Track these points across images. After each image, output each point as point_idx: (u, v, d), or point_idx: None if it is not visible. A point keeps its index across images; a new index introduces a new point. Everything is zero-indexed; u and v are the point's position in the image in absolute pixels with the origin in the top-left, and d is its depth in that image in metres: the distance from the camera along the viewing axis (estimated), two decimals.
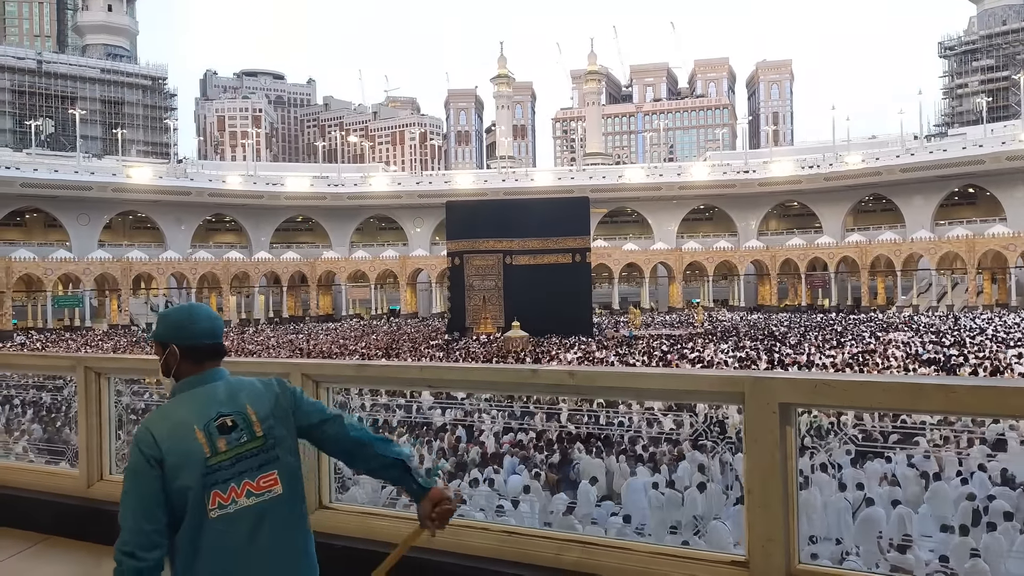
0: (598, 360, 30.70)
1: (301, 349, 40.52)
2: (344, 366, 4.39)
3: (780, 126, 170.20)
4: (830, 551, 7.69)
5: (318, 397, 3.99)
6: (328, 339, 48.39)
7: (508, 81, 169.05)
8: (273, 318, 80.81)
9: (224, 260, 79.54)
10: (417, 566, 3.48)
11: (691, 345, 36.14)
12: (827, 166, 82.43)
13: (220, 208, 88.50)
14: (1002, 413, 2.75)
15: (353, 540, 3.75)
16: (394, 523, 3.72)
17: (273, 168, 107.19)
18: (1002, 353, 28.89)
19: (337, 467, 4.12)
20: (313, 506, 3.90)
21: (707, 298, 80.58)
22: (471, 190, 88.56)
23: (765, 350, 32.65)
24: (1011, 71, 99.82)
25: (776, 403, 2.80)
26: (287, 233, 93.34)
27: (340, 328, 63.95)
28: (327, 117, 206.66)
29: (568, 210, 56.15)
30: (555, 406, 5.08)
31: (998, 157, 71.91)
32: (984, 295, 67.72)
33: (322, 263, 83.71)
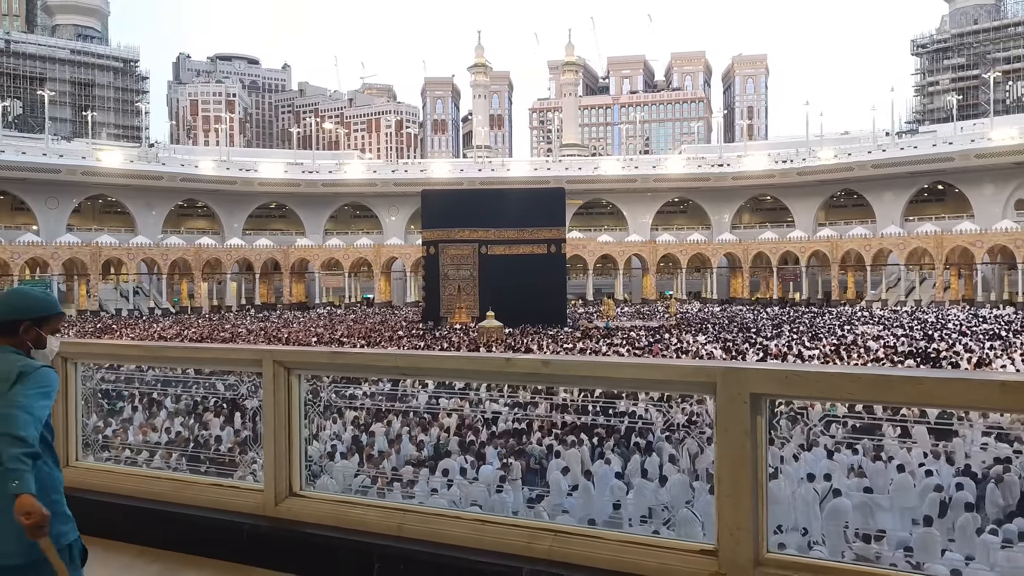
0: (583, 351, 30.75)
1: (274, 336, 40.22)
2: (318, 353, 4.36)
3: (755, 120, 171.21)
4: (797, 540, 7.79)
5: (290, 385, 3.95)
6: (301, 327, 48.09)
7: (485, 70, 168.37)
8: (245, 305, 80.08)
9: (196, 246, 78.63)
10: (390, 555, 3.48)
11: (667, 337, 36.34)
12: (800, 161, 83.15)
13: (192, 193, 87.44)
14: (969, 405, 2.79)
15: (325, 528, 3.73)
16: (366, 511, 3.71)
17: (247, 154, 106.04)
18: (980, 346, 29.45)
19: (308, 455, 4.09)
20: (283, 494, 3.88)
21: (680, 290, 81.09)
22: (447, 179, 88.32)
23: (744, 341, 33.02)
24: (981, 70, 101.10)
25: (747, 393, 2.82)
26: (260, 220, 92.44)
27: (313, 316, 63.55)
28: (302, 103, 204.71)
29: (544, 201, 56.15)
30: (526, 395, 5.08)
31: (967, 155, 72.95)
32: (951, 291, 68.76)
33: (295, 251, 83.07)
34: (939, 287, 68.87)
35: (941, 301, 66.49)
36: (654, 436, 11.74)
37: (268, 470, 3.94)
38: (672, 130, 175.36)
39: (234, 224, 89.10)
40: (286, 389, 3.94)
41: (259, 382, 4.04)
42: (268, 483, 3.94)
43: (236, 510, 4.02)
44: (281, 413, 3.90)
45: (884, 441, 10.27)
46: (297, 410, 3.96)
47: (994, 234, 66.57)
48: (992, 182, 74.42)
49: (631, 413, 11.96)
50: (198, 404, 14.12)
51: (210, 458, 5.40)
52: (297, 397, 3.98)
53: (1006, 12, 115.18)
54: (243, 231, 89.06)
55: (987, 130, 75.35)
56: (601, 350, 30.61)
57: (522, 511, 9.13)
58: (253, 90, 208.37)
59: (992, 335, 35.14)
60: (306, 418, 4.07)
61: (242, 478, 4.91)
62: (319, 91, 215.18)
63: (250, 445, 5.20)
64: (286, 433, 3.91)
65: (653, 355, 27.97)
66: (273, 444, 3.93)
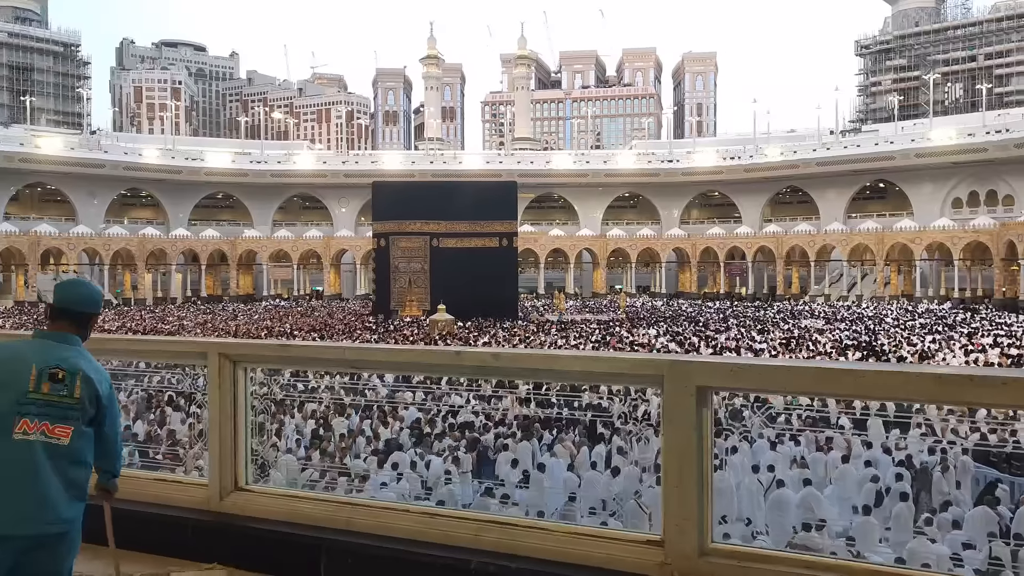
0: (538, 344, 30.82)
1: (221, 329, 39.53)
2: (265, 346, 4.31)
3: (704, 117, 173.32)
4: (741, 531, 7.94)
5: (236, 378, 3.89)
6: (247, 319, 47.35)
7: (438, 62, 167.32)
8: (191, 297, 78.55)
9: (139, 236, 76.85)
10: (338, 549, 3.45)
11: (619, 330, 36.67)
12: (747, 158, 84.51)
13: (136, 183, 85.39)
14: (907, 397, 2.87)
15: (274, 523, 3.68)
16: (313, 505, 3.67)
17: (193, 143, 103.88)
18: (921, 340, 30.34)
19: (255, 450, 4.04)
20: (228, 488, 3.82)
21: (630, 285, 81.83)
22: (399, 171, 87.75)
23: (695, 334, 33.55)
24: (922, 71, 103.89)
25: (694, 386, 2.85)
26: (207, 210, 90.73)
27: (260, 309, 62.63)
28: (250, 92, 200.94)
29: (496, 194, 56.15)
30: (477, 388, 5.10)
31: (907, 154, 74.96)
32: (891, 286, 70.63)
33: (243, 242, 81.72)
34: (880, 283, 70.70)
35: (882, 296, 68.28)
36: (605, 428, 11.84)
37: (213, 465, 3.87)
38: (623, 125, 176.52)
39: (179, 214, 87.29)
40: (232, 382, 3.88)
41: (204, 375, 3.97)
42: (213, 478, 3.88)
43: (180, 505, 3.96)
44: (226, 407, 3.84)
45: (828, 432, 10.51)
46: (243, 404, 3.90)
47: (932, 232, 68.53)
48: (931, 181, 76.60)
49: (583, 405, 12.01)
50: (152, 398, 13.85)
51: (162, 452, 5.31)
52: (243, 390, 3.92)
53: (946, 15, 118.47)
54: (189, 221, 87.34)
55: (927, 130, 77.52)
56: (557, 343, 30.79)
57: (472, 504, 9.15)
58: (200, 78, 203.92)
59: (931, 330, 36.23)
60: (253, 412, 4.01)
61: (188, 473, 4.83)
62: (268, 80, 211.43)
63: (195, 439, 5.12)
64: (231, 427, 3.85)
65: (612, 348, 28.26)
66: (218, 438, 3.87)
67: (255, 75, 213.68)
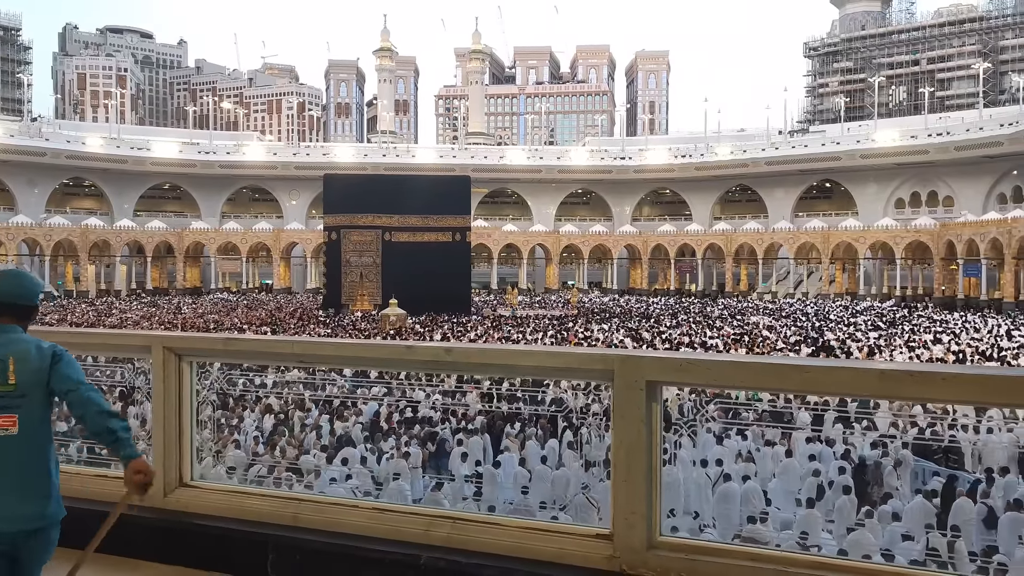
0: (497, 339, 30.82)
1: (165, 322, 38.73)
2: (211, 339, 4.23)
3: (656, 115, 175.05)
4: (689, 524, 8.05)
5: (181, 371, 3.82)
6: (194, 313, 46.49)
7: (391, 55, 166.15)
8: (136, 290, 76.82)
9: (82, 227, 74.80)
10: (285, 545, 3.41)
11: (572, 326, 36.88)
12: (698, 156, 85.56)
13: (79, 172, 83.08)
14: (851, 392, 2.93)
15: (220, 519, 3.63)
16: (260, 501, 3.62)
17: (139, 132, 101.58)
18: (865, 337, 31.10)
19: (201, 446, 3.97)
20: (173, 484, 3.75)
21: (582, 280, 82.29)
22: (351, 164, 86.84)
23: (649, 330, 33.94)
24: (867, 74, 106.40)
25: (644, 380, 2.88)
26: (153, 201, 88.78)
27: (208, 302, 61.52)
28: (199, 81, 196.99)
29: (449, 188, 56.04)
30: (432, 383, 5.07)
31: (853, 155, 76.72)
32: (836, 284, 72.22)
33: (190, 233, 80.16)
34: (825, 280, 72.24)
35: (827, 294, 69.76)
36: (557, 423, 11.89)
37: (156, 460, 3.80)
38: (576, 122, 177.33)
39: (124, 205, 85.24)
40: (177, 376, 3.80)
41: (149, 369, 3.89)
42: (156, 473, 3.80)
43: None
44: (171, 401, 3.77)
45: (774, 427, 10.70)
46: (188, 398, 3.83)
47: (876, 231, 70.21)
48: (875, 181, 78.55)
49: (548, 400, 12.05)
50: (104, 393, 13.46)
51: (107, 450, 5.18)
52: (188, 385, 3.85)
53: (891, 20, 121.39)
54: (134, 212, 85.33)
55: (871, 132, 79.40)
56: (514, 338, 30.88)
57: (424, 499, 9.12)
58: (146, 65, 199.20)
59: (874, 327, 37.18)
60: (199, 406, 3.94)
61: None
62: (217, 69, 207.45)
63: (138, 435, 5.01)
64: (176, 422, 3.78)
65: (570, 343, 28.46)
66: (162, 433, 3.79)
67: (204, 64, 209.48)
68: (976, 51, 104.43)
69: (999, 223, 58.62)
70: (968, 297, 60.80)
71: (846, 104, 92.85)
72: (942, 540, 7.82)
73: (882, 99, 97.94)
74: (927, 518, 8.56)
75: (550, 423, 12.48)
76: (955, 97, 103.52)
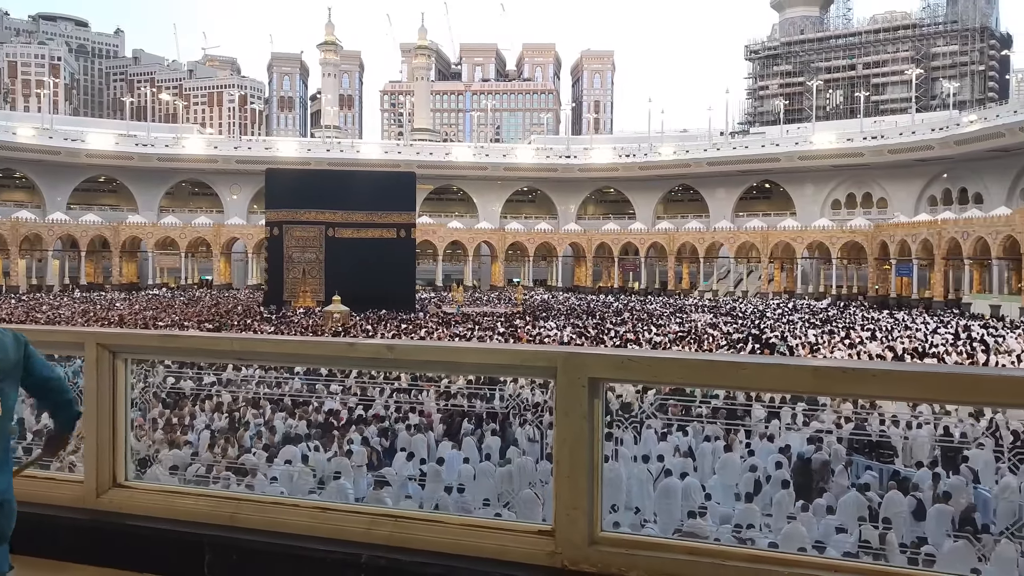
0: (455, 337, 30.72)
1: (100, 319, 37.67)
2: (147, 336, 4.13)
3: (601, 115, 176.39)
4: (631, 519, 8.15)
5: (115, 369, 3.72)
6: (130, 309, 45.31)
7: (335, 49, 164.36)
8: (69, 285, 74.56)
9: (12, 220, 72.26)
10: (222, 545, 3.36)
11: (519, 323, 36.96)
12: (642, 156, 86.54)
13: (9, 163, 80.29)
14: (785, 389, 3.00)
15: (154, 520, 3.55)
16: (196, 500, 3.55)
17: (73, 122, 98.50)
18: (803, 334, 31.87)
19: (134, 447, 3.87)
20: (106, 485, 3.65)
21: (527, 278, 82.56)
22: (294, 158, 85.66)
23: (595, 327, 34.26)
24: (806, 77, 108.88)
25: (586, 377, 2.90)
26: (87, 194, 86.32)
27: (145, 298, 60.01)
28: (136, 72, 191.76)
29: (394, 184, 55.65)
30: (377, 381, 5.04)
31: (791, 156, 78.48)
32: (775, 283, 73.82)
33: (126, 227, 78.06)
34: (764, 279, 73.77)
35: (766, 292, 71.25)
36: (498, 421, 11.92)
37: (89, 460, 3.70)
38: (522, 120, 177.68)
39: (57, 198, 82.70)
40: (111, 374, 3.70)
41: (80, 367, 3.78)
42: (89, 474, 3.70)
43: (53, 503, 3.76)
44: (104, 400, 3.67)
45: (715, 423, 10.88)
46: (123, 397, 3.73)
47: (813, 231, 71.95)
48: (813, 183, 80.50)
49: (475, 396, 12.06)
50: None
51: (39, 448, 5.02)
52: (123, 383, 3.75)
53: (829, 25, 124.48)
54: (68, 205, 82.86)
55: (809, 134, 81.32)
56: (464, 335, 30.83)
57: (366, 497, 9.05)
58: (81, 55, 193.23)
59: (812, 324, 38.11)
60: (134, 405, 3.85)
61: (65, 469, 4.58)
62: (155, 60, 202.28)
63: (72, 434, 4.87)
64: (110, 421, 3.68)
65: (521, 341, 28.52)
66: (95, 433, 3.69)
67: (142, 54, 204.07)
68: (909, 57, 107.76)
69: (930, 224, 60.61)
70: (900, 296, 62.74)
71: (785, 107, 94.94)
72: (874, 532, 8.06)
73: (820, 102, 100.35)
74: (860, 511, 8.81)
75: (505, 421, 12.53)
76: (889, 102, 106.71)
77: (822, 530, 8.36)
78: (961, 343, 28.83)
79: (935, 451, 10.63)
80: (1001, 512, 8.79)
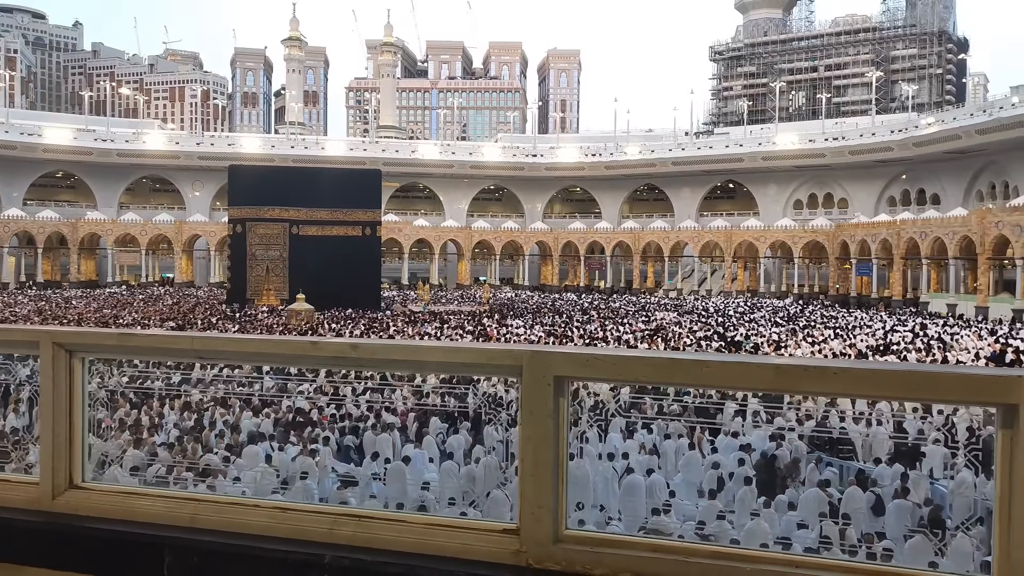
0: (416, 336, 30.60)
1: (58, 317, 36.97)
2: (104, 335, 4.05)
3: (567, 114, 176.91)
4: (596, 517, 8.18)
5: (71, 368, 3.65)
6: (88, 307, 44.50)
7: (300, 45, 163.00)
8: (25, 283, 73.03)
9: None
10: (182, 547, 3.30)
11: (488, 322, 36.96)
12: (608, 155, 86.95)
13: None
14: (748, 386, 3.02)
15: (111, 522, 3.48)
16: (154, 502, 3.49)
17: (30, 116, 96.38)
18: (767, 332, 32.27)
19: (92, 446, 3.80)
20: (62, 486, 3.58)
21: (493, 276, 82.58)
22: (257, 155, 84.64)
23: (563, 325, 34.40)
24: (769, 78, 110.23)
25: (551, 376, 2.90)
26: (44, 190, 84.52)
27: (104, 296, 58.97)
28: (96, 65, 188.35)
29: (359, 182, 55.34)
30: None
31: (754, 157, 79.39)
32: (738, 281, 74.64)
33: (85, 224, 76.62)
34: (728, 278, 74.56)
35: (729, 291, 72.02)
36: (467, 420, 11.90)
37: (44, 462, 3.62)
38: (489, 118, 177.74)
39: (13, 193, 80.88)
40: (67, 374, 3.62)
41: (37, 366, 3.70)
42: (44, 476, 3.62)
43: (6, 505, 3.67)
44: (61, 400, 3.59)
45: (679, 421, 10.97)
46: (80, 397, 3.66)
47: (776, 231, 72.87)
48: (775, 183, 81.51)
49: (443, 395, 12.04)
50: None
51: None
52: (80, 382, 3.67)
53: (792, 27, 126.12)
54: (24, 201, 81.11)
55: (772, 135, 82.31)
56: (434, 334, 30.76)
57: (330, 497, 8.98)
58: (38, 47, 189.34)
59: (775, 322, 38.61)
60: (91, 404, 3.77)
61: (21, 471, 4.49)
62: (115, 53, 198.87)
63: (27, 435, 4.77)
64: (67, 421, 3.61)
65: (491, 339, 28.55)
66: (51, 433, 3.61)
67: (101, 48, 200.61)
68: (870, 60, 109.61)
69: (889, 224, 61.70)
70: (860, 295, 63.78)
71: (749, 107, 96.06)
72: (834, 528, 8.19)
73: (783, 103, 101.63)
74: (821, 507, 8.94)
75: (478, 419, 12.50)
76: (850, 103, 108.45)
77: (784, 526, 8.47)
78: (920, 341, 29.40)
79: (893, 448, 10.83)
80: (957, 507, 8.97)
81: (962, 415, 10.40)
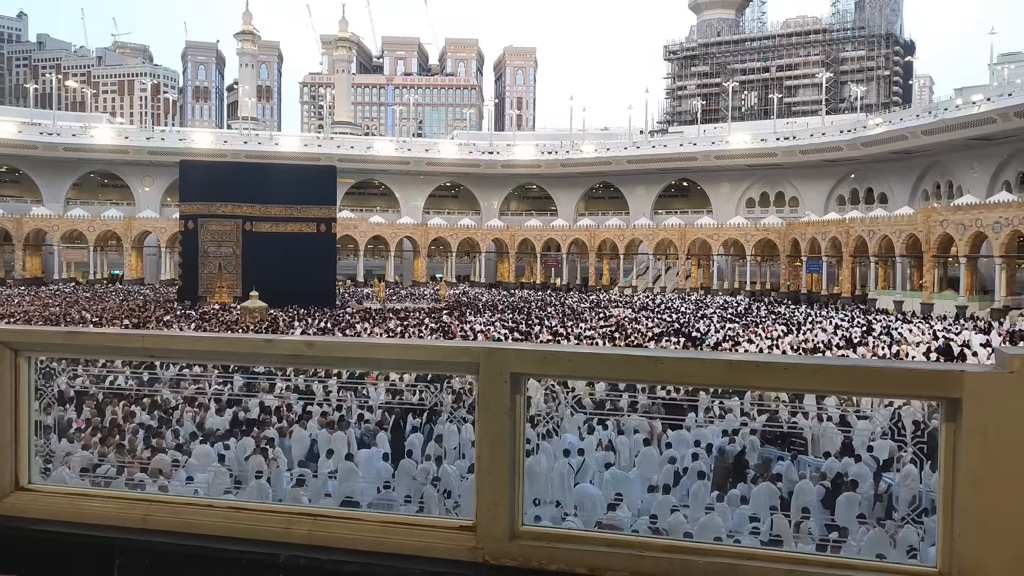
0: (378, 334, 30.38)
1: (2, 316, 35.97)
2: (51, 333, 3.96)
3: (523, 111, 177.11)
4: (552, 513, 8.23)
5: (17, 367, 3.56)
6: (34, 304, 43.37)
7: (253, 39, 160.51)
8: None
9: None
10: (133, 548, 3.25)
11: (447, 319, 36.84)
12: (564, 153, 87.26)
13: None
14: (702, 382, 3.07)
15: (60, 524, 3.41)
16: (104, 503, 3.43)
17: None
18: (720, 328, 32.74)
19: (39, 446, 3.71)
20: (8, 488, 3.49)
21: (450, 273, 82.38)
22: (209, 150, 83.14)
23: (524, 322, 34.51)
24: (723, 78, 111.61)
25: (508, 372, 2.91)
26: None
27: (50, 293, 57.51)
28: (41, 57, 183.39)
29: (314, 178, 54.85)
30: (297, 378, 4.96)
31: (708, 155, 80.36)
32: (692, 279, 75.52)
33: (30, 220, 74.67)
34: (682, 275, 75.40)
35: (683, 288, 72.83)
36: (422, 417, 11.86)
37: None
38: (445, 115, 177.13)
39: None
40: (12, 373, 3.53)
41: None
42: None
43: None
44: (5, 400, 3.50)
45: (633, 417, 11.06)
46: (25, 397, 3.57)
47: (728, 229, 73.89)
48: (728, 181, 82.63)
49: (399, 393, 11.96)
50: None
51: None
52: (26, 382, 3.59)
53: (744, 28, 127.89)
54: None
55: (725, 134, 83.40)
56: (397, 332, 30.60)
57: (285, 496, 8.89)
58: None
59: (728, 319, 39.18)
60: (38, 405, 3.68)
61: None
62: (62, 45, 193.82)
63: None
64: (11, 421, 3.52)
65: (454, 337, 28.46)
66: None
67: (47, 39, 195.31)
68: (820, 61, 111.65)
69: (838, 223, 62.96)
70: (811, 292, 64.99)
71: (702, 107, 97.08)
72: (784, 521, 8.34)
73: (735, 103, 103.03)
74: (772, 501, 9.10)
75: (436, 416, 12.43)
76: (801, 104, 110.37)
77: (736, 520, 8.60)
78: (872, 337, 30.05)
79: (841, 441, 11.06)
80: (903, 499, 9.20)
81: (908, 409, 10.67)
